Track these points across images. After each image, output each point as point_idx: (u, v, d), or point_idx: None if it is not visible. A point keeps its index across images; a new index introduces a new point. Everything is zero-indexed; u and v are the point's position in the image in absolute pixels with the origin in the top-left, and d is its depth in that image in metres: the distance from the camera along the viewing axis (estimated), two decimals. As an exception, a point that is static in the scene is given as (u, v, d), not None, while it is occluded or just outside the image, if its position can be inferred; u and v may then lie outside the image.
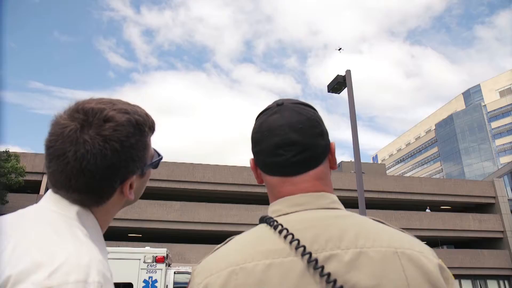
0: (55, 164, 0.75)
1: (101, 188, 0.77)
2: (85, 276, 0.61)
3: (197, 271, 0.78)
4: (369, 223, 0.78)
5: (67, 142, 0.74)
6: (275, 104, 0.89)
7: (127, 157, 0.78)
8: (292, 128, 0.82)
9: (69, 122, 0.75)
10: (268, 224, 0.79)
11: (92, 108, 0.77)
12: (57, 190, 0.78)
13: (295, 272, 0.69)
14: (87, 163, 0.73)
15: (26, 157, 24.06)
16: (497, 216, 29.44)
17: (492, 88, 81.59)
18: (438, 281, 0.71)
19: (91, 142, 0.74)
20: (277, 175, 0.84)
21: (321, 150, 0.84)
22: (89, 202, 0.78)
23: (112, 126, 0.76)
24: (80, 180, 0.74)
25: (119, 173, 0.78)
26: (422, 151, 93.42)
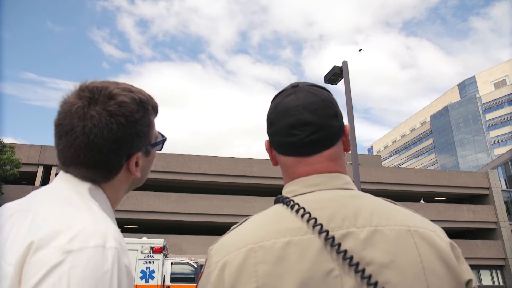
0: (64, 141, 0.79)
1: (109, 162, 0.80)
2: (103, 242, 0.65)
3: (214, 250, 0.79)
4: (383, 203, 0.80)
5: (75, 118, 0.78)
6: (290, 86, 0.90)
7: (132, 131, 0.82)
8: (306, 108, 0.83)
9: (76, 100, 0.79)
10: (285, 203, 0.80)
11: (97, 86, 0.82)
12: (66, 168, 0.81)
13: (312, 249, 0.71)
14: (95, 136, 0.77)
15: (21, 149, 23.93)
16: (490, 207, 29.80)
17: (487, 80, 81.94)
18: (450, 258, 0.73)
19: (98, 117, 0.77)
20: (292, 155, 0.85)
21: (335, 131, 0.85)
22: (98, 178, 0.81)
23: (117, 102, 0.80)
24: (88, 155, 0.78)
25: (125, 148, 0.81)
26: (417, 143, 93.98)
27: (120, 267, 0.65)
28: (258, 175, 27.07)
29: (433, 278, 0.69)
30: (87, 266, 0.61)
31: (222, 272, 0.73)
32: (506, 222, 29.26)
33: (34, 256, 0.61)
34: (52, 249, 0.62)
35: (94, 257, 0.62)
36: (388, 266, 0.69)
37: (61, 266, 0.60)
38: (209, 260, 0.78)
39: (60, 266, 0.60)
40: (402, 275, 0.69)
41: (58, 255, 0.61)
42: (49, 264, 0.60)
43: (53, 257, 0.61)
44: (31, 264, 0.61)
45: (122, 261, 0.66)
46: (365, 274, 0.68)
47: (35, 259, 0.61)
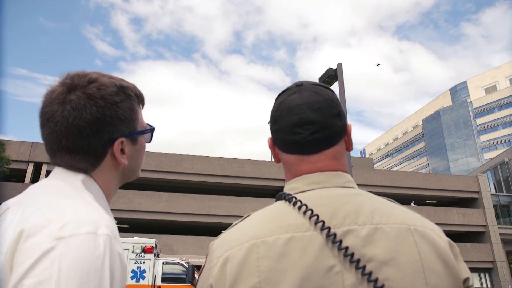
0: (47, 128, 0.80)
1: (91, 146, 0.80)
2: (95, 229, 0.65)
3: (215, 245, 0.79)
4: (383, 201, 0.81)
5: (56, 104, 0.79)
6: (294, 85, 0.91)
7: (112, 113, 0.81)
8: (310, 107, 0.84)
9: (58, 87, 0.81)
10: (287, 200, 0.80)
11: (77, 73, 0.83)
12: (53, 159, 0.82)
13: (314, 245, 0.71)
14: (73, 119, 0.77)
15: (11, 145, 23.64)
16: (480, 211, 30.12)
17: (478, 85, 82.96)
18: (449, 257, 0.74)
19: (77, 100, 0.78)
20: (295, 153, 0.86)
21: (337, 130, 0.86)
22: (84, 165, 0.81)
23: (96, 85, 0.81)
24: (69, 139, 0.78)
25: (106, 130, 0.81)
26: (409, 146, 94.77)
27: (113, 253, 0.65)
28: (251, 176, 27.07)
29: (432, 275, 0.70)
30: (78, 252, 0.61)
31: (224, 266, 0.73)
32: (495, 226, 29.61)
33: (25, 243, 0.62)
34: (44, 236, 0.62)
35: (86, 243, 0.62)
36: (388, 263, 0.70)
37: (52, 252, 0.60)
38: (210, 255, 0.78)
39: (51, 252, 0.60)
40: (402, 272, 0.70)
41: (49, 242, 0.61)
42: (40, 250, 0.60)
43: (44, 244, 0.61)
44: (22, 251, 0.61)
45: (115, 248, 0.66)
46: (366, 271, 0.69)
47: (26, 246, 0.61)
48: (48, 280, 0.58)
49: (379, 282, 0.68)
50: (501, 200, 32.52)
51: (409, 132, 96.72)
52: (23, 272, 0.59)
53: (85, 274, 0.60)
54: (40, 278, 0.58)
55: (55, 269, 0.59)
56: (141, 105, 0.92)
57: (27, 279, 0.58)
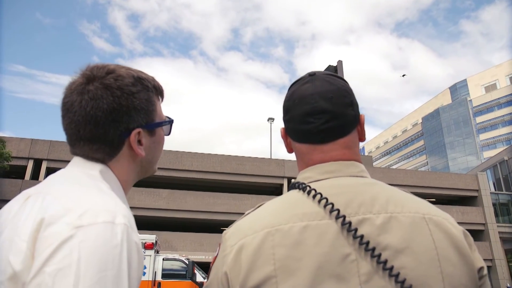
0: (67, 118, 0.82)
1: (107, 136, 0.81)
2: (112, 218, 0.66)
3: (229, 234, 0.79)
4: (397, 191, 0.81)
5: (75, 94, 0.81)
6: (307, 74, 0.91)
7: (128, 103, 0.82)
8: (322, 97, 0.84)
9: (78, 79, 0.83)
10: (301, 189, 0.80)
11: (96, 65, 0.85)
12: (73, 148, 0.84)
13: (330, 234, 0.71)
14: (91, 108, 0.79)
15: (11, 142, 23.60)
16: (479, 209, 30.16)
17: (478, 83, 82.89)
18: (463, 245, 0.74)
19: (94, 91, 0.80)
20: (307, 142, 0.86)
21: (350, 119, 0.85)
22: (101, 155, 0.82)
23: (113, 76, 0.83)
24: (87, 128, 0.80)
25: (122, 120, 0.82)
26: (409, 144, 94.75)
27: (130, 243, 0.66)
28: (250, 173, 27.07)
29: (447, 264, 0.70)
30: (96, 241, 0.62)
31: (238, 254, 0.73)
32: (493, 224, 29.66)
33: (45, 231, 0.63)
34: (63, 224, 0.63)
35: (103, 232, 0.64)
36: (404, 251, 0.70)
37: (71, 240, 0.62)
38: (223, 244, 0.78)
39: (70, 240, 0.62)
40: (417, 261, 0.70)
41: (68, 230, 0.63)
42: (60, 239, 0.62)
43: (63, 232, 0.62)
44: (43, 239, 0.63)
45: (132, 237, 0.67)
46: (381, 259, 0.69)
47: (46, 234, 0.63)
48: (68, 268, 0.59)
49: (394, 270, 0.68)
50: (500, 199, 32.58)
51: (408, 130, 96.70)
52: (44, 260, 0.60)
53: (104, 263, 0.61)
54: (60, 265, 0.59)
55: (75, 257, 0.60)
56: (160, 97, 0.93)
57: (48, 266, 0.59)
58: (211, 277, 0.79)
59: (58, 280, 0.58)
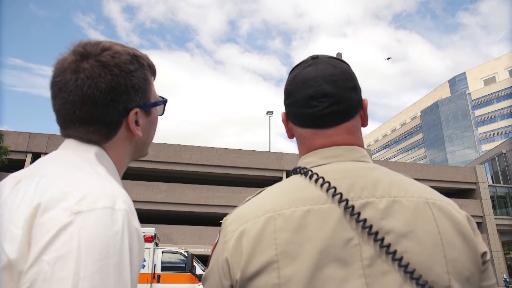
0: (59, 99, 0.77)
1: (106, 117, 0.77)
2: (112, 203, 0.63)
3: (229, 220, 0.78)
4: (400, 176, 0.80)
5: (68, 73, 0.76)
6: (310, 57, 0.89)
7: (127, 82, 0.79)
8: (326, 80, 0.82)
9: (69, 56, 0.78)
10: (303, 174, 0.79)
11: (89, 41, 0.80)
12: (66, 131, 0.79)
13: (332, 218, 0.70)
14: (88, 87, 0.75)
15: (9, 136, 23.54)
16: (477, 202, 30.30)
17: (477, 77, 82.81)
18: (467, 230, 0.73)
19: (91, 69, 0.76)
20: (309, 127, 0.84)
21: (353, 104, 0.84)
22: (98, 137, 0.79)
23: (109, 53, 0.78)
24: (84, 109, 0.75)
25: (121, 100, 0.78)
26: (407, 137, 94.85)
27: (131, 229, 0.63)
28: (249, 166, 27.09)
29: (451, 249, 0.70)
30: (96, 227, 0.59)
31: (240, 240, 0.72)
32: (491, 217, 29.81)
33: (42, 217, 0.60)
34: (60, 210, 0.60)
35: (103, 218, 0.60)
36: (407, 236, 0.69)
37: (71, 226, 0.58)
38: (224, 230, 0.77)
39: (69, 226, 0.58)
40: (421, 245, 0.69)
41: (67, 216, 0.59)
42: (58, 225, 0.58)
43: (61, 218, 0.59)
44: (40, 225, 0.59)
45: (132, 224, 0.64)
46: (384, 243, 0.68)
47: (43, 220, 0.59)
48: (68, 255, 0.56)
49: (397, 255, 0.67)
50: (498, 191, 32.73)
51: (407, 123, 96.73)
52: (42, 247, 0.57)
53: (104, 250, 0.58)
54: (59, 253, 0.56)
55: (75, 244, 0.57)
56: (153, 76, 0.90)
57: (46, 254, 0.56)
58: (212, 264, 0.78)
59: (58, 268, 0.55)
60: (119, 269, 0.59)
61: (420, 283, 0.66)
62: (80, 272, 0.55)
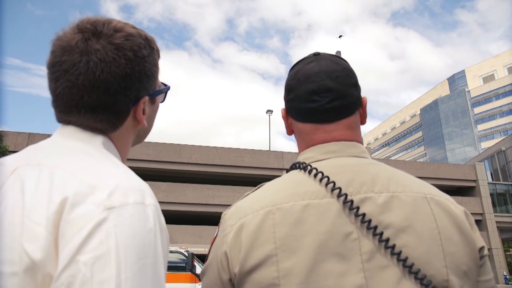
0: (64, 81, 0.68)
1: (116, 104, 0.72)
2: (142, 198, 0.59)
3: (228, 214, 0.78)
4: (398, 171, 0.81)
5: (76, 53, 0.68)
6: (312, 54, 0.90)
7: (141, 69, 0.73)
8: (328, 75, 0.83)
9: (75, 34, 0.69)
10: (302, 169, 0.80)
11: (98, 19, 0.72)
12: (66, 116, 0.71)
13: (331, 212, 0.71)
14: (101, 72, 0.68)
15: (8, 136, 23.54)
16: (477, 199, 30.33)
17: (476, 74, 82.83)
18: (464, 225, 0.74)
19: (104, 51, 0.68)
20: (310, 122, 0.85)
21: (354, 100, 0.85)
22: (105, 126, 0.72)
23: (123, 35, 0.71)
24: (93, 95, 0.69)
25: (134, 88, 0.73)
26: (407, 136, 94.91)
27: (161, 225, 0.60)
28: (249, 166, 27.11)
29: (449, 243, 0.70)
30: (131, 224, 0.55)
31: (239, 233, 0.72)
32: (491, 214, 29.84)
33: (71, 213, 0.54)
34: (91, 205, 0.55)
35: (137, 215, 0.56)
36: (405, 230, 0.70)
37: (106, 223, 0.53)
38: (223, 224, 0.78)
39: (104, 223, 0.53)
40: (419, 240, 0.69)
41: (99, 212, 0.54)
42: (93, 222, 0.53)
43: (94, 214, 0.54)
44: (70, 222, 0.53)
45: (161, 220, 0.61)
46: (383, 238, 0.68)
47: (74, 217, 0.54)
48: (107, 255, 0.51)
49: (396, 249, 0.68)
50: (498, 189, 32.76)
51: (406, 121, 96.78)
52: (76, 247, 0.52)
53: (142, 250, 0.54)
54: (97, 253, 0.51)
55: (113, 243, 0.52)
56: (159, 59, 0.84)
57: (82, 255, 0.51)
58: (210, 257, 0.78)
59: (97, 270, 0.50)
60: (156, 269, 0.56)
61: (419, 277, 0.66)
62: (122, 274, 0.51)
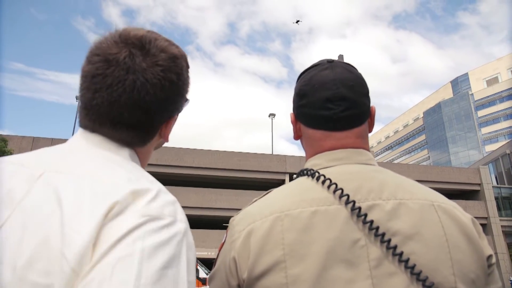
0: (105, 95, 0.67)
1: (152, 124, 0.73)
2: (175, 213, 0.60)
3: (237, 220, 0.79)
4: (405, 179, 0.81)
5: (123, 69, 0.67)
6: (325, 60, 0.90)
7: (179, 91, 0.75)
8: (343, 84, 0.83)
9: (121, 49, 0.69)
10: (310, 175, 0.80)
11: (145, 35, 0.72)
12: (97, 127, 0.70)
13: (339, 219, 0.71)
14: (146, 93, 0.68)
15: (12, 140, 23.66)
16: (481, 203, 30.17)
17: (480, 77, 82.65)
18: (472, 233, 0.74)
19: (150, 72, 0.69)
20: (322, 128, 0.85)
21: (365, 109, 0.86)
22: (135, 141, 0.73)
23: (169, 57, 0.72)
24: (134, 113, 0.69)
25: (170, 108, 0.74)
26: (410, 139, 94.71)
27: (189, 241, 0.60)
28: (252, 169, 27.11)
29: (456, 251, 0.70)
30: (161, 234, 0.56)
31: (247, 239, 0.72)
32: (496, 218, 29.67)
33: (113, 220, 0.55)
34: (130, 212, 0.56)
35: (168, 227, 0.58)
36: (413, 237, 0.70)
37: (138, 229, 0.55)
38: (231, 230, 0.78)
39: (136, 229, 0.55)
40: (427, 247, 0.69)
41: (136, 218, 0.56)
42: (127, 227, 0.54)
43: (131, 221, 0.55)
44: (109, 229, 0.55)
45: (190, 236, 0.61)
46: (391, 245, 0.68)
47: (114, 224, 0.55)
48: (130, 257, 0.52)
49: (404, 256, 0.68)
50: (502, 192, 32.58)
51: (409, 124, 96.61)
52: (105, 250, 0.53)
53: (166, 259, 0.55)
54: (122, 254, 0.52)
55: (138, 247, 0.53)
56: None
57: (108, 256, 0.52)
58: (218, 263, 0.78)
59: (119, 270, 0.51)
60: (177, 281, 0.55)
61: (427, 284, 0.66)
62: (142, 278, 0.51)
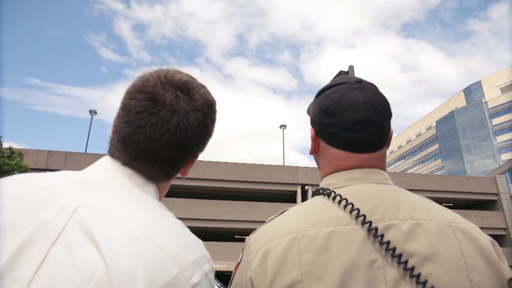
0: (147, 132, 0.70)
1: (184, 163, 0.78)
2: (209, 267, 0.66)
3: (253, 239, 0.79)
4: (422, 199, 0.81)
5: (169, 111, 0.71)
6: (353, 80, 0.89)
7: (210, 134, 0.81)
8: (373, 107, 0.84)
9: (168, 91, 0.73)
10: (326, 195, 0.80)
11: (188, 80, 0.77)
12: (133, 162, 0.72)
13: (356, 239, 0.71)
14: (186, 136, 0.73)
15: (28, 154, 24.08)
16: (499, 213, 29.50)
17: (493, 85, 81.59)
18: (492, 255, 0.73)
19: (193, 115, 0.74)
20: (345, 149, 0.85)
21: (388, 132, 0.87)
22: (162, 176, 0.76)
23: (207, 104, 0.78)
24: (171, 153, 0.73)
25: (200, 148, 0.79)
26: (423, 148, 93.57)
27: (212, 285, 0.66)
28: (263, 181, 27.05)
29: (476, 273, 0.69)
30: None
31: (264, 259, 0.72)
32: (514, 228, 28.95)
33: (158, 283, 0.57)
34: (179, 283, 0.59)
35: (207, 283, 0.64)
36: (430, 259, 0.69)
37: None
38: (247, 249, 0.78)
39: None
40: (445, 268, 0.68)
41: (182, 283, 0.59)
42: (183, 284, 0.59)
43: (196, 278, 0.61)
44: None
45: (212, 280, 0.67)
46: (408, 266, 0.68)
47: None
48: None
49: (421, 278, 0.67)
50: (520, 202, 31.79)
51: (422, 134, 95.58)
52: None
53: None
54: None
55: None
56: None
57: None
58: (235, 283, 0.78)
59: None
60: None
61: None
62: None
